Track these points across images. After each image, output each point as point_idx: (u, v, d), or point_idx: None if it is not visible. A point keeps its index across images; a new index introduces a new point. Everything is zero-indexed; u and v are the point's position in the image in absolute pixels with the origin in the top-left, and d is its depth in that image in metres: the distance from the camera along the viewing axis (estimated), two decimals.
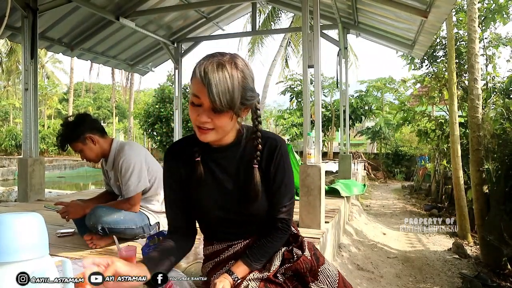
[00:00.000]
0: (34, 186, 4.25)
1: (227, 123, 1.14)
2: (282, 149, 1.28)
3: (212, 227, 1.37)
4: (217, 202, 1.28)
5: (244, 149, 1.28)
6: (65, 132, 2.46)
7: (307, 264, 1.24)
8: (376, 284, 3.61)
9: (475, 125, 5.24)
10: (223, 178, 1.28)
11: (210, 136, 1.15)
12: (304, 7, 3.50)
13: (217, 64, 1.08)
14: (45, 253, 0.86)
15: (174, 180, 1.30)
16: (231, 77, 1.08)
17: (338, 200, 4.52)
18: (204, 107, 1.10)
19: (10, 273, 0.80)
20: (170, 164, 1.32)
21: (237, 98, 1.09)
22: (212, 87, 1.04)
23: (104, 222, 2.32)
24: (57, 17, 5.35)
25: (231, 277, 1.20)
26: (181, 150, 1.32)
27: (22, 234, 0.83)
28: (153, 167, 2.60)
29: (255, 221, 1.31)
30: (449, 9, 4.16)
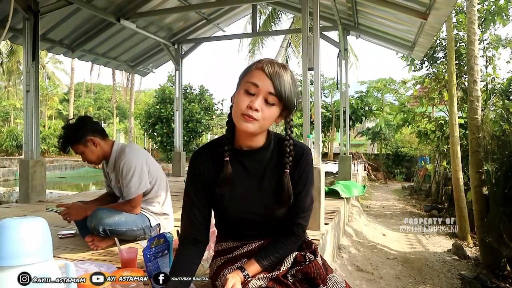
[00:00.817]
0: (35, 187, 4.27)
1: (271, 118, 1.23)
2: (308, 158, 1.35)
3: (231, 225, 1.42)
4: (241, 203, 1.32)
5: (272, 154, 1.34)
6: (66, 135, 2.48)
7: (317, 269, 1.27)
8: (375, 285, 3.62)
9: (474, 127, 5.26)
10: (249, 180, 1.33)
11: (252, 125, 1.20)
12: (304, 9, 3.52)
13: (282, 65, 1.23)
14: (49, 257, 0.88)
15: (201, 183, 1.33)
16: (292, 78, 1.23)
17: (338, 201, 4.53)
18: (259, 95, 1.19)
19: (15, 276, 0.82)
20: (197, 168, 1.34)
21: (294, 97, 1.23)
22: (279, 80, 1.18)
23: (105, 223, 2.34)
24: (58, 18, 5.37)
25: (242, 274, 1.24)
26: (210, 151, 1.35)
27: (27, 238, 0.85)
28: (153, 169, 2.62)
29: (273, 223, 1.36)
30: (449, 11, 4.18)
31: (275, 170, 1.32)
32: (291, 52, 18.01)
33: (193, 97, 15.92)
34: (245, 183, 1.32)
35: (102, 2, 5.33)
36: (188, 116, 15.05)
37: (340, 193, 4.78)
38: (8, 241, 0.83)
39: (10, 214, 3.52)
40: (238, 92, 1.23)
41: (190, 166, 1.37)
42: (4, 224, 0.85)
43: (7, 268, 0.82)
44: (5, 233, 0.84)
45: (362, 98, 16.74)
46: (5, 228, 0.84)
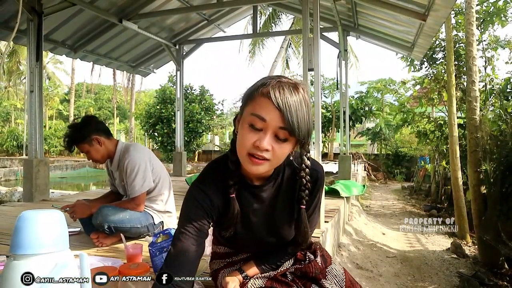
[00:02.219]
0: (39, 186, 4.32)
1: (285, 154, 1.04)
2: (322, 181, 1.22)
3: (237, 249, 1.37)
4: (251, 236, 1.25)
5: (283, 182, 1.20)
6: (72, 134, 2.53)
7: (316, 270, 1.27)
8: (375, 283, 3.67)
9: (473, 127, 5.32)
10: (260, 212, 1.21)
11: (263, 167, 1.02)
12: (305, 11, 3.57)
13: (293, 88, 1.00)
14: (66, 247, 0.94)
15: (209, 217, 1.13)
16: (306, 103, 1.00)
17: (338, 201, 4.58)
18: (268, 132, 0.98)
19: (37, 264, 0.87)
20: (203, 200, 1.13)
21: (311, 126, 1.02)
22: (292, 113, 0.96)
23: (110, 221, 2.39)
24: (61, 19, 5.43)
25: (241, 275, 1.26)
26: (214, 183, 1.16)
27: (47, 229, 0.90)
28: (157, 168, 2.67)
29: (281, 243, 1.29)
30: (447, 12, 4.23)
31: (288, 200, 1.20)
32: (291, 53, 18.08)
33: (194, 98, 15.98)
34: (254, 216, 1.22)
35: (105, 3, 5.39)
36: (188, 116, 15.11)
37: (340, 192, 4.83)
38: (28, 231, 0.89)
39: (15, 213, 3.58)
40: (242, 124, 1.03)
41: (195, 199, 1.13)
42: (24, 216, 0.91)
43: (28, 256, 0.88)
44: (25, 224, 0.89)
45: (362, 99, 16.80)
46: (25, 220, 0.90)
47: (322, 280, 1.27)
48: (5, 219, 3.27)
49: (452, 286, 4.06)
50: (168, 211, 2.76)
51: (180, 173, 7.19)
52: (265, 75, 1.11)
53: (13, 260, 0.88)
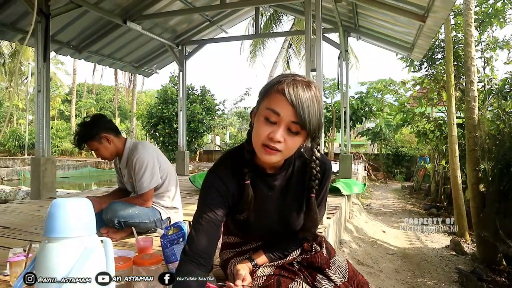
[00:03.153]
0: (46, 184, 4.41)
1: (296, 146, 1.13)
2: (329, 173, 1.32)
3: (247, 236, 1.46)
4: (261, 222, 1.33)
5: (294, 172, 1.29)
6: (82, 132, 2.61)
7: (322, 260, 1.36)
8: (375, 278, 3.76)
9: (471, 126, 5.41)
10: (271, 199, 1.30)
11: (275, 157, 1.11)
12: (307, 13, 3.66)
13: (305, 85, 1.08)
14: (93, 232, 1.02)
15: (223, 203, 1.22)
16: (317, 100, 1.09)
17: (339, 198, 4.67)
18: (281, 125, 1.07)
19: (68, 247, 0.96)
20: (219, 185, 1.22)
21: (322, 121, 1.10)
22: (304, 108, 1.04)
23: (120, 216, 2.48)
24: (67, 21, 5.51)
25: (251, 264, 1.34)
26: (230, 170, 1.25)
27: (77, 214, 0.99)
28: (164, 165, 2.75)
29: (290, 232, 1.37)
30: (447, 14, 4.31)
31: (298, 190, 1.29)
32: (292, 53, 18.18)
33: (195, 98, 16.06)
34: (267, 203, 1.30)
35: (109, 4, 5.48)
36: (190, 117, 15.19)
37: (341, 190, 4.91)
38: (60, 216, 0.97)
39: (24, 209, 3.67)
40: (258, 118, 1.12)
41: (212, 185, 1.23)
42: (57, 202, 1.00)
43: (60, 239, 0.96)
44: (58, 210, 0.98)
45: (362, 99, 16.89)
46: (58, 206, 0.99)
47: (327, 270, 1.35)
48: (15, 216, 3.36)
49: (451, 281, 4.14)
50: (175, 207, 2.84)
51: (183, 172, 7.27)
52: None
53: (48, 242, 0.97)
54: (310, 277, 1.34)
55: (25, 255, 1.71)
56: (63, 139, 23.28)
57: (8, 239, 2.51)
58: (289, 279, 1.30)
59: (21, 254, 1.77)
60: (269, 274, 1.32)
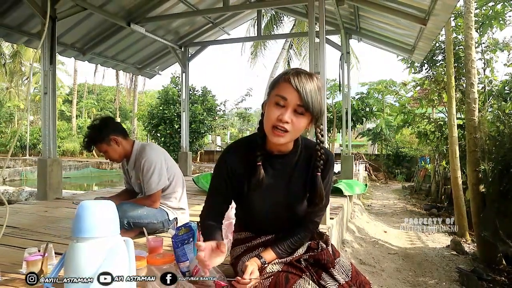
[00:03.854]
0: (52, 185, 4.47)
1: (301, 128, 1.31)
2: (332, 163, 1.47)
3: (253, 219, 1.57)
4: (269, 201, 1.46)
5: (300, 157, 1.46)
6: (91, 134, 2.67)
7: (328, 257, 1.44)
8: (377, 277, 3.82)
9: (471, 127, 5.47)
10: (278, 181, 1.45)
11: (283, 139, 1.30)
12: (311, 16, 3.71)
13: (308, 75, 1.30)
14: (117, 232, 1.09)
15: (230, 179, 1.46)
16: (318, 88, 1.30)
17: (341, 199, 4.73)
18: (289, 108, 1.26)
19: (95, 246, 1.02)
20: (229, 165, 1.45)
21: (322, 105, 1.31)
22: (306, 91, 1.25)
23: (129, 216, 2.54)
24: (71, 23, 5.57)
25: (259, 261, 1.41)
26: (243, 151, 1.46)
27: (102, 216, 1.06)
28: (171, 167, 2.82)
29: (294, 219, 1.50)
30: (447, 17, 4.37)
31: (303, 172, 1.45)
32: (293, 54, 18.24)
33: (196, 98, 16.10)
34: (274, 184, 1.44)
35: (114, 7, 5.54)
36: (191, 117, 15.23)
37: (343, 191, 4.98)
38: (87, 218, 1.04)
39: (31, 210, 3.74)
40: (268, 105, 1.31)
41: (223, 161, 1.47)
42: (84, 204, 1.06)
43: (88, 239, 1.03)
44: (85, 212, 1.05)
45: (363, 100, 16.93)
46: (85, 208, 1.05)
47: (331, 269, 1.42)
48: (24, 216, 3.42)
49: (451, 281, 4.20)
50: (182, 208, 2.90)
51: (186, 173, 7.32)
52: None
53: (76, 242, 1.03)
54: (316, 275, 1.40)
55: (41, 254, 1.77)
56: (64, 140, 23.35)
57: (20, 239, 2.58)
58: (297, 275, 1.36)
59: (36, 253, 1.83)
60: (277, 271, 1.39)
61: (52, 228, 2.94)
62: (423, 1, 4.15)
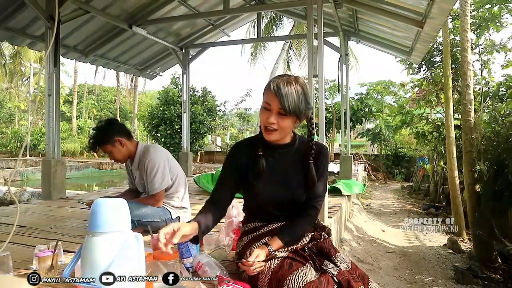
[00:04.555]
0: (56, 185, 4.56)
1: (288, 126, 1.53)
2: (326, 153, 1.69)
3: (259, 207, 1.73)
4: (270, 187, 1.64)
5: (296, 150, 1.67)
6: (96, 136, 2.75)
7: (330, 246, 1.57)
8: (375, 275, 3.91)
9: (468, 128, 5.56)
10: (278, 169, 1.65)
11: (274, 135, 1.54)
12: (309, 20, 3.80)
13: (286, 81, 1.49)
14: (129, 228, 1.17)
15: (235, 164, 1.68)
16: (296, 91, 1.48)
17: (340, 199, 4.81)
18: (273, 112, 1.49)
19: (110, 240, 1.11)
20: (236, 154, 1.70)
21: (301, 106, 1.49)
22: (283, 97, 1.45)
23: (134, 215, 2.62)
24: (74, 26, 5.65)
25: (267, 248, 1.53)
26: (247, 145, 1.70)
27: (116, 212, 1.15)
28: (174, 167, 2.90)
29: (294, 205, 1.66)
30: (443, 20, 4.45)
31: (299, 162, 1.65)
32: (293, 55, 18.33)
33: (196, 99, 16.18)
34: (274, 172, 1.64)
35: (116, 10, 5.63)
36: (191, 118, 15.31)
37: (342, 190, 5.06)
38: (101, 214, 1.13)
39: (37, 210, 3.82)
40: (260, 109, 1.56)
41: (231, 155, 1.72)
42: (99, 201, 1.15)
43: (103, 233, 1.12)
44: (100, 208, 1.13)
45: (362, 100, 17.03)
46: (99, 205, 1.14)
47: (333, 257, 1.54)
48: (30, 216, 3.50)
49: (447, 278, 4.29)
50: (184, 207, 2.98)
51: (187, 173, 7.40)
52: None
53: (92, 236, 1.12)
54: (319, 262, 1.52)
55: (52, 251, 1.86)
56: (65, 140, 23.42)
57: (28, 238, 2.66)
58: (301, 263, 1.49)
59: (46, 250, 1.92)
60: (283, 257, 1.53)
61: (58, 226, 3.02)
62: (420, 4, 4.23)
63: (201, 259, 1.85)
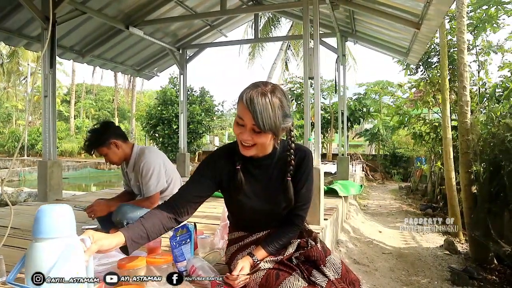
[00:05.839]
0: (52, 186, 4.55)
1: (265, 141, 1.38)
2: (309, 160, 1.55)
3: (242, 219, 1.68)
4: (251, 201, 1.56)
5: (278, 160, 1.55)
6: (92, 138, 2.74)
7: (318, 254, 1.49)
8: (371, 277, 3.92)
9: (464, 130, 5.58)
10: (258, 183, 1.56)
11: (251, 151, 1.41)
12: (305, 21, 3.80)
13: (261, 93, 1.30)
14: (74, 233, 1.19)
15: (214, 173, 1.53)
16: (272, 105, 1.29)
17: (336, 200, 4.82)
18: (247, 128, 1.33)
19: (52, 245, 1.12)
20: (217, 161, 1.55)
21: (278, 123, 1.32)
22: (257, 113, 1.27)
23: (129, 218, 2.61)
24: (70, 26, 5.64)
25: (251, 259, 1.51)
26: (229, 155, 1.55)
27: (59, 218, 1.16)
28: (169, 170, 2.89)
29: (278, 216, 1.60)
30: (440, 21, 4.46)
31: (281, 173, 1.54)
32: (291, 55, 18.34)
33: (194, 99, 16.19)
34: (254, 185, 1.55)
35: (113, 11, 5.62)
36: (189, 118, 15.33)
37: (338, 192, 5.07)
38: (45, 220, 1.14)
39: (33, 212, 3.79)
40: (234, 121, 1.40)
41: (212, 159, 1.58)
42: (42, 208, 1.17)
43: (45, 239, 1.13)
44: (43, 215, 1.15)
45: (360, 100, 17.06)
46: (43, 211, 1.16)
47: (322, 267, 1.48)
48: (25, 218, 3.50)
49: (443, 280, 4.30)
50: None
51: (184, 174, 7.40)
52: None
53: (35, 242, 1.14)
54: (306, 272, 1.46)
55: None
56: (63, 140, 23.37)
57: (22, 240, 2.65)
58: (287, 273, 1.42)
59: None
60: (268, 268, 1.46)
61: None
62: (417, 6, 4.24)
63: (195, 263, 1.85)
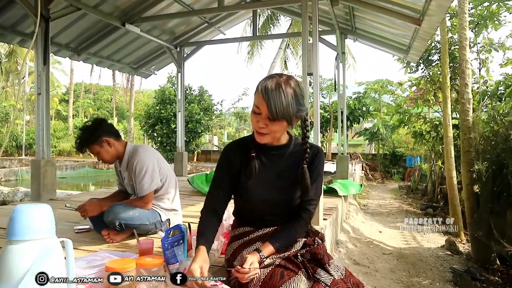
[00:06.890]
0: (46, 186, 4.45)
1: (279, 129, 1.46)
2: (321, 156, 1.61)
3: (251, 210, 1.66)
4: (263, 189, 1.56)
5: (291, 152, 1.59)
6: (83, 136, 2.66)
7: (324, 252, 1.51)
8: (371, 278, 3.83)
9: (466, 128, 5.50)
10: (271, 171, 1.58)
11: (265, 138, 1.47)
12: (304, 17, 3.71)
13: (275, 83, 1.39)
14: (53, 235, 1.11)
15: (229, 166, 1.60)
16: (286, 95, 1.38)
17: (336, 199, 4.74)
18: (262, 116, 1.41)
19: (28, 248, 1.04)
20: (229, 154, 1.62)
21: (291, 111, 1.39)
22: (271, 102, 1.36)
23: (121, 218, 2.53)
24: (65, 23, 5.55)
25: (259, 254, 1.45)
26: (240, 146, 1.62)
27: (36, 219, 1.08)
28: (164, 168, 2.80)
29: (287, 208, 1.60)
30: (441, 17, 4.39)
31: (294, 164, 1.57)
32: (290, 53, 18.24)
33: (193, 98, 16.09)
34: (267, 174, 1.57)
35: (108, 7, 5.52)
36: (187, 117, 15.24)
37: (338, 191, 4.99)
38: (22, 221, 1.06)
39: None
40: (251, 110, 1.48)
41: (223, 154, 1.65)
42: (19, 208, 1.09)
43: (21, 241, 1.05)
44: (19, 215, 1.07)
45: (360, 99, 16.98)
46: (20, 212, 1.08)
47: (326, 265, 1.47)
48: None
49: (445, 281, 4.22)
50: (174, 209, 2.89)
51: (182, 173, 7.31)
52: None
53: (9, 244, 1.05)
54: (312, 270, 1.45)
55: None
56: (61, 139, 23.28)
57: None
58: (293, 272, 1.42)
59: None
60: (275, 265, 1.46)
61: None
62: (418, 2, 4.17)
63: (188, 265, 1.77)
